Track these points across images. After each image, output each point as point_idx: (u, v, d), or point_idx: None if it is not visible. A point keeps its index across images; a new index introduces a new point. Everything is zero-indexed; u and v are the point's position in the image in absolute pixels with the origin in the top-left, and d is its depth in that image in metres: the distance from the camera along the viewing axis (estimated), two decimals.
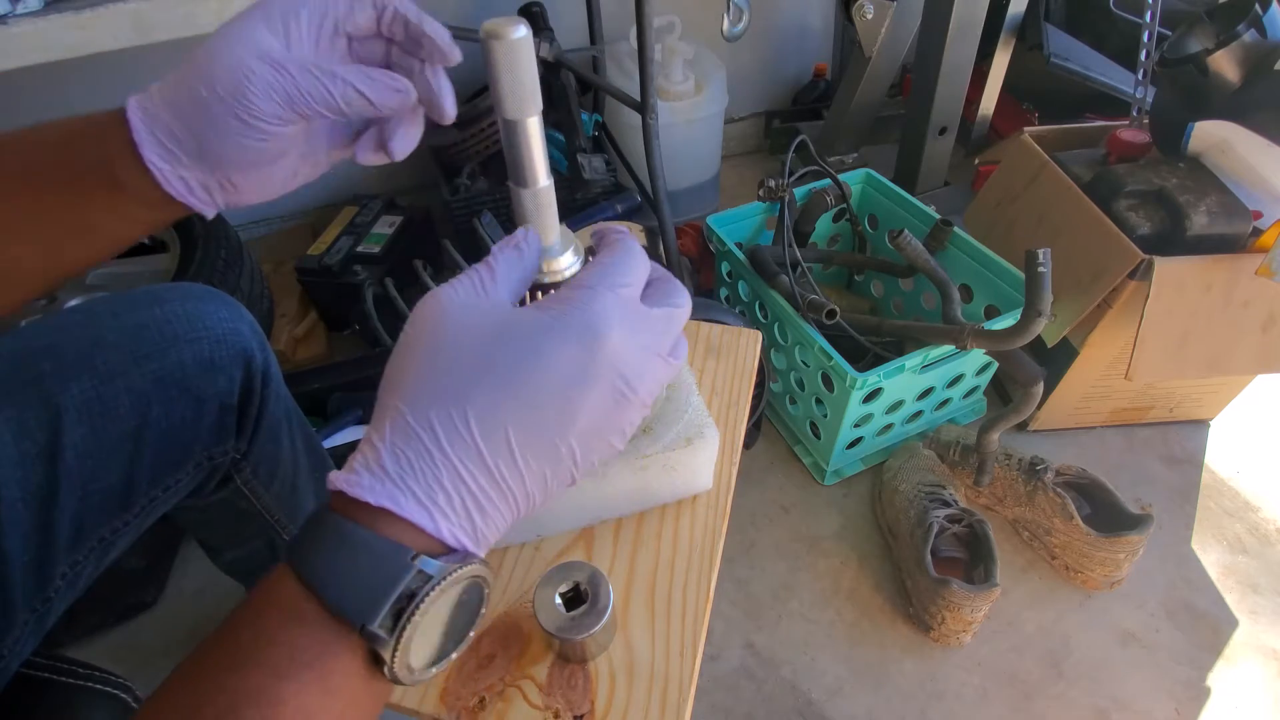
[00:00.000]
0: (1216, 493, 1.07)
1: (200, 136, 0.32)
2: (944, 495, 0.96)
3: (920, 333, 0.96)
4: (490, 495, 0.26)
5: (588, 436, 0.28)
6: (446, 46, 0.36)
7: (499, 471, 0.26)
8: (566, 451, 0.28)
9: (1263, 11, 0.92)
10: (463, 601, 0.27)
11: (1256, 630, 0.92)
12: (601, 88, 1.08)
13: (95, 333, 0.48)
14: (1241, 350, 0.94)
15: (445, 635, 0.27)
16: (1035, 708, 0.86)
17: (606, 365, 0.27)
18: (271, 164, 0.35)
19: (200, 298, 0.54)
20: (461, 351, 0.26)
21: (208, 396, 0.53)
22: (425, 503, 0.25)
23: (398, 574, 0.24)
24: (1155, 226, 0.94)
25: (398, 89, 0.34)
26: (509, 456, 0.26)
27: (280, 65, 0.31)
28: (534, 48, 0.34)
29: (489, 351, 0.26)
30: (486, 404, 0.26)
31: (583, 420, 0.27)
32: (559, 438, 0.27)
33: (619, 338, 0.27)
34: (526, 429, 0.26)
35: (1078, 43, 1.43)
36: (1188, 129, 0.96)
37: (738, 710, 0.86)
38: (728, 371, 0.61)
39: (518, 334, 0.27)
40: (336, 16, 0.34)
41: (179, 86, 0.32)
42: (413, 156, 0.35)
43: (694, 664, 0.43)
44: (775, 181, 1.08)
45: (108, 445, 0.47)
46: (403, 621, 0.24)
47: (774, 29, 1.70)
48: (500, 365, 0.26)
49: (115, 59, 0.68)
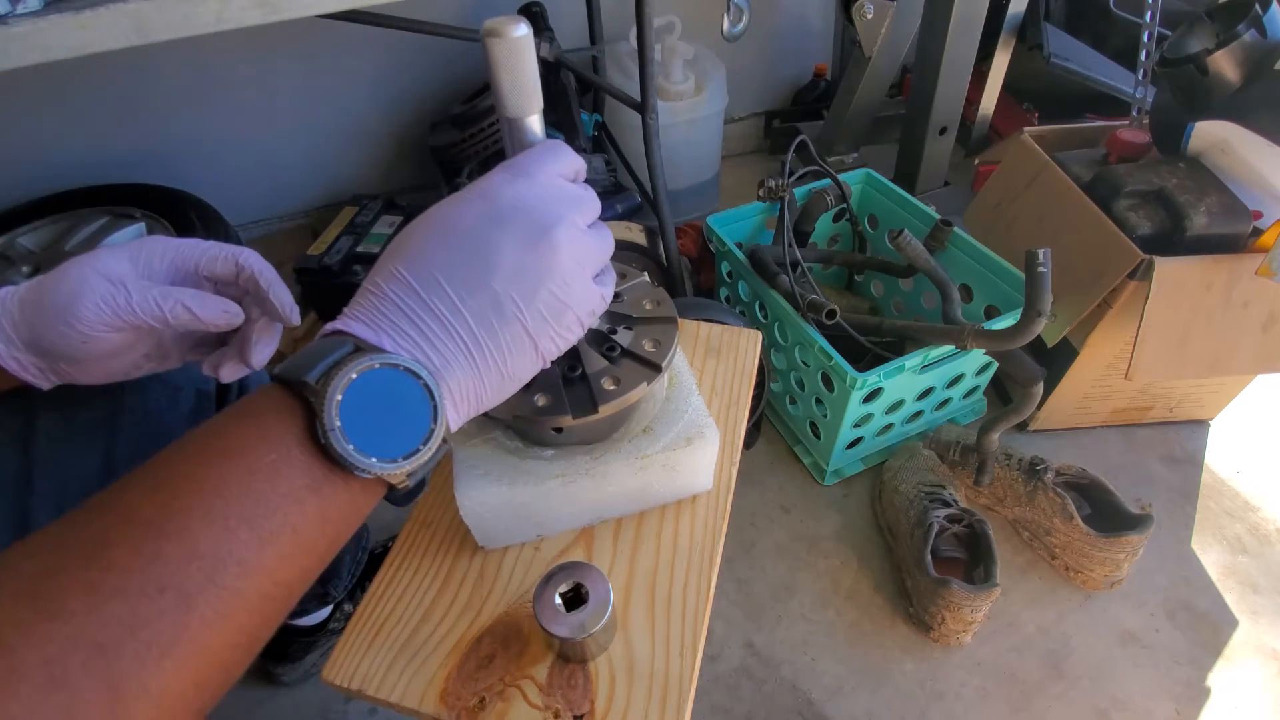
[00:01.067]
0: (1216, 493, 1.07)
1: (34, 331, 0.38)
2: (944, 495, 0.96)
3: (920, 333, 0.96)
4: (431, 326, 0.30)
5: (518, 279, 0.31)
6: (287, 312, 0.43)
7: (434, 305, 0.30)
8: (504, 294, 0.31)
9: (1263, 11, 0.92)
10: (405, 390, 0.29)
11: (1256, 630, 0.92)
12: (601, 88, 1.08)
13: None
14: (1241, 350, 0.94)
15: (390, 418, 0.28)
16: (1035, 708, 0.86)
17: (508, 205, 0.32)
18: (107, 359, 0.40)
19: None
20: (410, 231, 0.32)
21: (183, 384, 0.53)
22: (369, 324, 0.29)
23: (333, 348, 0.28)
24: (1155, 226, 0.94)
25: (226, 310, 0.40)
26: (441, 291, 0.30)
27: (119, 281, 0.38)
28: (534, 47, 0.34)
29: (426, 216, 0.32)
30: (414, 250, 0.31)
31: (505, 259, 0.31)
32: (487, 276, 0.31)
33: (519, 186, 0.33)
34: (450, 266, 0.30)
35: (1078, 43, 1.43)
36: (1188, 129, 0.96)
37: (738, 710, 0.86)
38: (728, 371, 0.61)
39: (444, 204, 0.33)
40: (198, 262, 0.41)
41: (34, 288, 0.39)
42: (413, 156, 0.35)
43: (694, 664, 0.43)
44: (775, 181, 1.08)
45: (81, 431, 0.48)
46: (337, 373, 0.27)
47: (774, 29, 1.70)
48: (428, 223, 0.32)
49: (115, 59, 0.68)
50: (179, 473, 0.25)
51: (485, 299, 0.30)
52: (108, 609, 0.21)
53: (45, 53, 0.58)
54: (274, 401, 0.27)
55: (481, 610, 0.46)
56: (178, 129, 1.32)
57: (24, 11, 0.57)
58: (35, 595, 0.21)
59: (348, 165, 1.50)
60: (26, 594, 0.21)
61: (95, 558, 0.22)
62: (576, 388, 0.43)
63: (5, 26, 0.56)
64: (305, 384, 0.27)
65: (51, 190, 1.21)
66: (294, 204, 1.51)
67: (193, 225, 1.12)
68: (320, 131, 1.44)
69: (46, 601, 0.21)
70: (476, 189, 0.33)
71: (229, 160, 1.40)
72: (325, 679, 0.43)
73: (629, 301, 0.49)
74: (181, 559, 0.23)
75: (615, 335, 0.46)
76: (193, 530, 0.23)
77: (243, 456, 0.25)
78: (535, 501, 0.46)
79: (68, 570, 0.22)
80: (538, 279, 0.31)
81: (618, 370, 0.44)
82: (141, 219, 1.16)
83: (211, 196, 1.23)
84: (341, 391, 0.27)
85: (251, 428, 0.26)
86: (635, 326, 0.47)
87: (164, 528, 0.23)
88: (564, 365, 0.44)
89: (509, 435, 0.48)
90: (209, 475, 0.25)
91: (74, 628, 0.21)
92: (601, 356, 0.44)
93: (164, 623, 0.22)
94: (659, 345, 0.45)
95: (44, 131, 1.23)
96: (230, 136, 1.37)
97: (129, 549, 0.22)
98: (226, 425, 0.26)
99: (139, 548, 0.23)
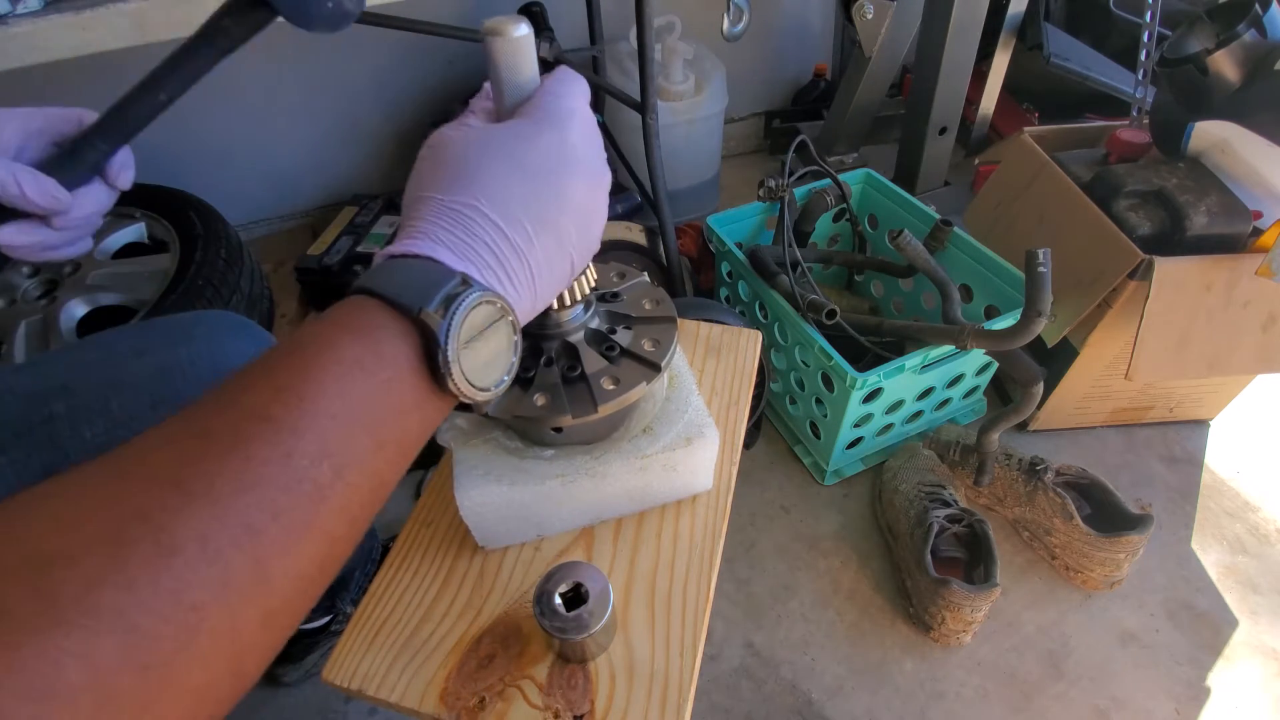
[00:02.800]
0: (1216, 493, 1.07)
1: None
2: (944, 495, 0.96)
3: (920, 333, 0.96)
4: (511, 262, 0.31)
5: (579, 216, 0.33)
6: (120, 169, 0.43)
7: (516, 242, 0.31)
8: (566, 231, 0.33)
9: (1263, 11, 0.92)
10: (499, 326, 0.31)
11: (1256, 630, 0.92)
12: (601, 88, 1.08)
13: (114, 374, 0.47)
14: (1241, 350, 0.94)
15: (489, 352, 0.31)
16: (1035, 708, 0.86)
17: (576, 143, 0.33)
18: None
19: (228, 332, 0.52)
20: (473, 153, 0.32)
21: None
22: (461, 256, 0.30)
23: (445, 279, 0.29)
24: (1155, 226, 0.94)
25: (55, 196, 0.40)
26: (522, 229, 0.31)
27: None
28: (535, 46, 0.34)
29: (491, 145, 0.32)
30: (496, 184, 0.31)
31: (576, 198, 0.33)
32: (560, 215, 0.32)
33: (578, 124, 0.34)
34: (529, 203, 0.32)
35: (1078, 43, 1.43)
36: (1188, 129, 0.96)
37: (738, 710, 0.86)
38: (728, 371, 0.61)
39: (512, 134, 0.33)
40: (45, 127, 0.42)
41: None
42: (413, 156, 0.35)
43: (694, 664, 0.43)
44: (775, 181, 1.08)
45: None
46: (454, 305, 0.28)
47: (774, 29, 1.70)
48: (502, 156, 0.32)
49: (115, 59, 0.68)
50: (301, 377, 0.26)
51: (553, 237, 0.33)
52: (253, 494, 0.23)
53: (45, 53, 0.58)
54: (384, 321, 0.28)
55: (481, 610, 0.46)
56: (177, 129, 1.32)
57: (24, 11, 0.57)
58: (179, 480, 0.22)
59: (348, 165, 1.50)
60: (169, 480, 0.22)
61: (234, 449, 0.23)
62: (576, 387, 0.43)
63: (5, 26, 0.56)
64: (425, 311, 0.28)
65: None
66: (294, 204, 1.51)
67: (193, 225, 1.11)
68: (320, 131, 1.44)
69: (192, 484, 0.22)
70: (543, 121, 0.33)
71: (229, 160, 1.40)
72: (325, 679, 0.43)
73: (628, 301, 0.49)
74: (315, 455, 0.25)
75: (614, 335, 0.46)
76: (323, 429, 0.25)
77: (361, 370, 0.27)
78: (535, 501, 0.46)
79: (209, 458, 0.23)
80: (591, 216, 0.35)
81: (617, 370, 0.44)
82: (141, 219, 1.16)
83: (211, 196, 1.23)
84: (461, 324, 0.28)
85: (368, 344, 0.27)
86: (634, 326, 0.47)
87: (296, 425, 0.25)
88: (563, 365, 0.44)
89: (509, 435, 0.48)
90: (329, 382, 0.26)
91: (223, 509, 0.22)
92: (601, 356, 0.44)
93: (301, 511, 0.24)
94: (658, 345, 0.45)
95: None
96: (230, 136, 1.37)
97: (265, 443, 0.24)
98: (338, 338, 0.27)
99: (275, 442, 0.24)
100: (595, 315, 0.46)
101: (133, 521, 0.21)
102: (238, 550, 0.22)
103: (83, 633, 0.19)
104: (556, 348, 0.44)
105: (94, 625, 0.19)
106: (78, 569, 0.20)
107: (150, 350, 0.49)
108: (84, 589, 0.19)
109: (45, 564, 0.20)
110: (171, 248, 1.12)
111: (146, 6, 0.59)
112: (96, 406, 0.45)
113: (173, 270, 1.06)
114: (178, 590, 0.21)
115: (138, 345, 0.49)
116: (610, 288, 0.49)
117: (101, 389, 0.46)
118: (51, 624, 0.19)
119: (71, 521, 0.21)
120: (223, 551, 0.22)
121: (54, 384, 0.45)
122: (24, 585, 0.19)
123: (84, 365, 0.47)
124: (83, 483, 0.22)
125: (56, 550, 0.20)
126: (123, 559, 0.20)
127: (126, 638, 0.20)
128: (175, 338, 0.50)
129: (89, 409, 0.45)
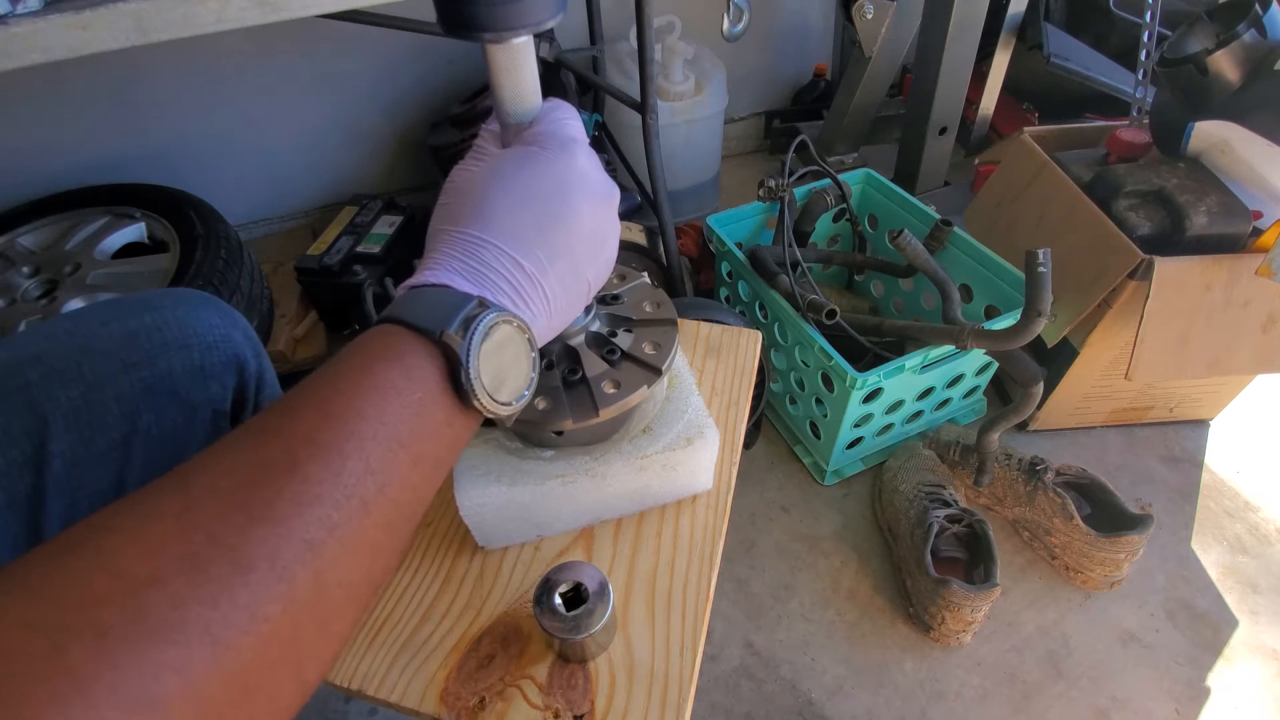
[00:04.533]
0: (1216, 493, 1.08)
1: None
2: (944, 495, 0.96)
3: (920, 333, 0.96)
4: (525, 286, 0.34)
5: (590, 240, 0.36)
6: None
7: (528, 269, 0.34)
8: (580, 255, 0.35)
9: (1263, 11, 0.92)
10: (517, 344, 0.33)
11: (1256, 630, 0.92)
12: (601, 88, 1.08)
13: (83, 341, 0.48)
14: (1241, 350, 0.94)
15: (507, 367, 0.33)
16: (1035, 708, 0.86)
17: (581, 170, 0.36)
18: None
19: (193, 303, 0.53)
20: (484, 186, 0.35)
21: (199, 403, 0.52)
22: (476, 283, 0.32)
23: (463, 303, 0.31)
24: (1155, 226, 0.94)
25: None
26: (535, 257, 0.34)
27: None
28: (534, 51, 0.35)
29: (501, 179, 0.35)
30: (504, 215, 0.34)
31: (584, 224, 0.35)
32: (570, 240, 0.35)
33: (581, 152, 0.36)
34: (540, 231, 0.34)
35: (1078, 43, 1.43)
36: (1188, 129, 0.96)
37: (738, 710, 0.86)
38: (728, 371, 0.61)
39: (519, 164, 0.35)
40: None
41: None
42: (413, 156, 0.35)
43: (694, 664, 0.43)
44: (775, 181, 1.08)
45: (97, 452, 0.47)
46: (472, 326, 0.30)
47: (774, 29, 1.70)
48: (511, 187, 0.34)
49: (115, 59, 0.68)
50: (343, 403, 0.28)
51: (566, 261, 0.35)
52: (311, 513, 0.25)
53: (45, 53, 0.58)
54: (411, 345, 0.31)
55: (481, 610, 0.46)
56: (178, 129, 1.32)
57: (24, 11, 0.57)
58: (246, 504, 0.24)
59: (348, 165, 1.50)
60: (235, 504, 0.24)
61: (292, 473, 0.26)
62: (577, 391, 0.43)
63: (5, 26, 0.56)
64: (446, 334, 0.30)
65: (51, 190, 1.21)
66: (294, 204, 1.51)
67: (193, 225, 1.12)
68: (320, 131, 1.44)
69: (258, 508, 0.25)
70: (548, 148, 0.36)
71: (229, 160, 1.40)
72: (325, 679, 0.43)
73: (629, 304, 0.49)
74: (361, 474, 0.27)
75: (615, 338, 0.46)
76: (367, 451, 0.28)
77: (397, 393, 0.29)
78: (535, 502, 0.46)
79: (270, 483, 0.25)
80: (602, 239, 0.37)
81: (618, 373, 0.44)
82: (141, 219, 1.16)
83: (211, 196, 1.23)
84: (479, 344, 0.31)
85: (399, 369, 0.30)
86: (635, 329, 0.47)
87: (343, 448, 0.27)
88: (564, 368, 0.44)
89: (509, 436, 0.48)
90: (368, 407, 0.28)
91: (286, 528, 0.25)
92: (602, 359, 0.44)
93: (352, 525, 0.26)
94: (659, 348, 0.45)
95: (44, 131, 1.23)
96: (230, 136, 1.37)
97: (318, 465, 0.26)
98: (373, 364, 0.30)
99: (326, 464, 0.27)
100: (596, 318, 0.46)
101: (208, 543, 0.23)
102: (301, 565, 0.25)
103: (175, 647, 0.21)
104: (557, 351, 0.44)
105: (184, 639, 0.21)
106: (165, 589, 0.22)
107: (117, 319, 0.50)
108: (172, 607, 0.21)
109: (136, 586, 0.21)
110: (171, 248, 1.12)
111: (146, 6, 0.59)
112: (69, 372, 0.47)
113: (173, 270, 1.06)
114: (252, 604, 0.23)
115: (104, 316, 0.50)
116: (611, 290, 0.49)
117: (72, 354, 0.47)
118: (146, 640, 0.20)
119: (154, 545, 0.23)
120: (289, 567, 0.24)
121: (25, 355, 0.46)
122: (118, 606, 0.21)
123: (54, 336, 0.48)
124: (156, 509, 0.24)
125: (144, 573, 0.22)
126: (203, 578, 0.22)
127: (213, 650, 0.22)
128: (141, 308, 0.51)
129: (62, 374, 0.46)
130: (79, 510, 0.46)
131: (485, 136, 0.39)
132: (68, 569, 0.22)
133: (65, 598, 0.21)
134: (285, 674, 0.24)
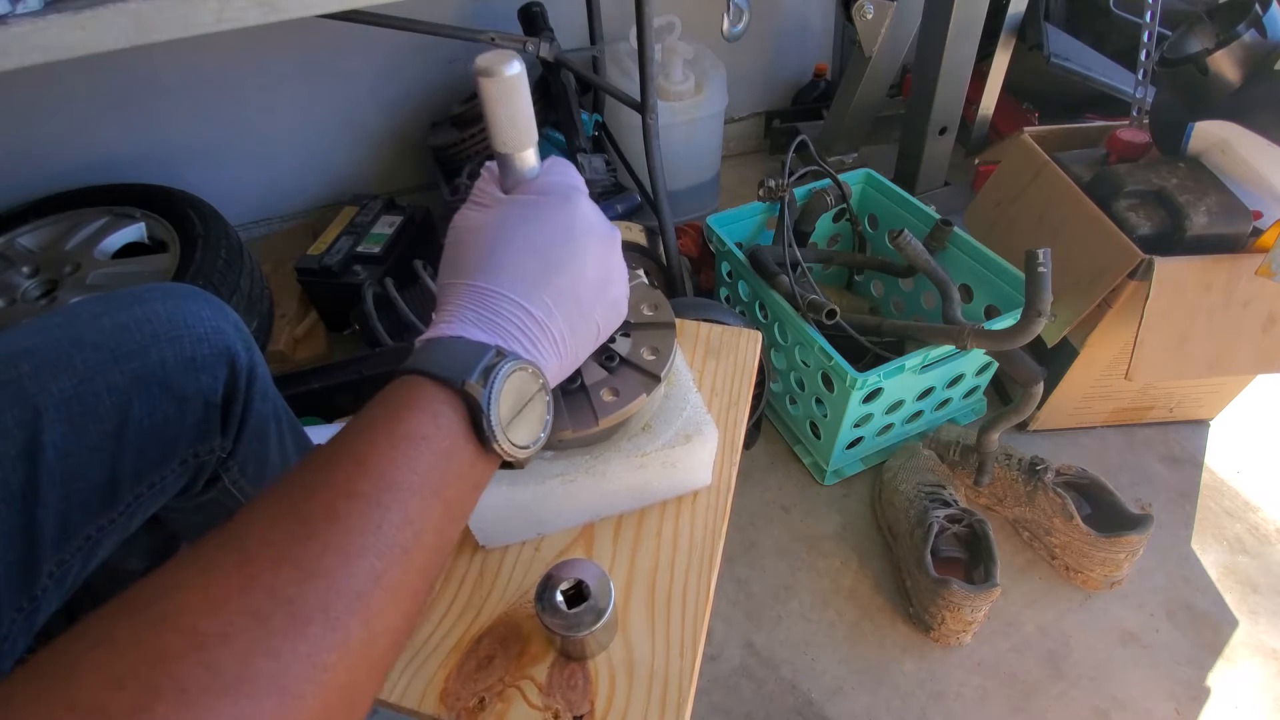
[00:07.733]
0: (1216, 493, 1.07)
1: None
2: (944, 495, 0.96)
3: (920, 333, 0.96)
4: (535, 333, 0.35)
5: (596, 284, 0.37)
6: None
7: (537, 315, 0.35)
8: (587, 299, 0.37)
9: (1263, 11, 0.92)
10: (533, 389, 0.34)
11: (1256, 630, 0.92)
12: (601, 88, 1.08)
13: (75, 333, 0.49)
14: (1241, 350, 0.94)
15: (524, 413, 0.34)
16: (1035, 708, 0.86)
17: (584, 219, 0.37)
18: None
19: (182, 297, 0.54)
20: (490, 237, 0.36)
21: (190, 394, 0.53)
22: (490, 333, 0.34)
23: (481, 353, 0.32)
24: (1155, 226, 0.94)
25: None
26: (544, 304, 0.35)
27: None
28: (528, 84, 0.35)
29: (505, 229, 0.36)
30: (510, 264, 0.35)
31: (589, 270, 0.37)
32: (576, 286, 0.36)
33: (583, 200, 0.38)
34: (546, 278, 0.35)
35: (1078, 43, 1.43)
36: (1188, 129, 0.96)
37: (738, 710, 0.86)
38: (728, 371, 0.61)
39: (523, 215, 0.37)
40: None
41: None
42: (413, 156, 0.35)
43: (694, 664, 0.43)
44: (775, 181, 1.08)
45: (89, 443, 0.47)
46: (491, 375, 0.32)
47: (774, 29, 1.70)
48: (515, 237, 0.36)
49: (115, 59, 0.68)
50: (377, 453, 0.30)
51: (574, 305, 0.36)
52: (356, 565, 0.27)
53: (45, 53, 0.58)
54: (435, 394, 0.32)
55: (481, 610, 0.46)
56: (177, 129, 1.32)
57: (24, 11, 0.57)
58: (297, 559, 0.26)
59: (348, 165, 1.50)
60: (288, 559, 0.26)
61: (334, 525, 0.27)
62: (575, 399, 0.43)
63: (5, 26, 0.56)
64: (468, 383, 0.31)
65: (51, 190, 1.21)
66: (294, 204, 1.51)
67: (193, 225, 1.12)
68: (320, 132, 1.44)
69: (308, 563, 0.26)
70: (552, 196, 0.37)
71: (229, 160, 1.40)
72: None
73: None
74: (399, 524, 0.28)
75: (613, 344, 0.46)
76: (404, 501, 0.29)
77: (426, 442, 0.30)
78: (535, 501, 0.46)
79: (315, 537, 0.26)
80: (607, 281, 0.38)
81: (616, 381, 0.44)
82: (141, 219, 1.16)
83: (211, 196, 1.23)
84: (500, 391, 0.32)
85: (428, 418, 0.31)
86: (633, 333, 0.47)
87: (380, 499, 0.28)
88: None
89: None
90: (400, 456, 0.30)
91: (336, 580, 0.26)
92: (600, 366, 0.44)
93: (394, 573, 0.28)
94: (658, 353, 0.45)
95: (44, 132, 1.23)
96: (230, 136, 1.37)
97: (359, 517, 0.28)
98: (402, 414, 0.31)
99: (367, 515, 0.28)
100: None
101: (267, 599, 0.24)
102: (352, 615, 0.26)
103: (248, 700, 0.22)
104: None
105: (253, 691, 0.22)
106: (233, 645, 0.23)
107: (109, 312, 0.50)
108: (241, 661, 0.23)
109: (205, 642, 0.23)
110: (171, 248, 1.12)
111: (146, 7, 0.59)
112: (61, 364, 0.47)
113: (173, 270, 1.06)
114: (312, 655, 0.24)
115: (96, 310, 0.51)
116: None
117: (64, 346, 0.48)
118: (220, 695, 0.22)
119: (217, 603, 0.24)
120: (341, 618, 0.25)
121: (18, 348, 0.47)
122: (192, 663, 0.22)
123: (46, 329, 0.49)
124: (214, 566, 0.25)
125: (212, 630, 0.23)
126: (266, 632, 0.24)
127: (281, 700, 0.23)
128: (131, 301, 0.52)
129: (54, 366, 0.47)
130: (73, 500, 0.47)
131: (485, 177, 0.40)
132: (141, 626, 0.23)
133: (142, 654, 0.22)
134: (342, 718, 0.26)
